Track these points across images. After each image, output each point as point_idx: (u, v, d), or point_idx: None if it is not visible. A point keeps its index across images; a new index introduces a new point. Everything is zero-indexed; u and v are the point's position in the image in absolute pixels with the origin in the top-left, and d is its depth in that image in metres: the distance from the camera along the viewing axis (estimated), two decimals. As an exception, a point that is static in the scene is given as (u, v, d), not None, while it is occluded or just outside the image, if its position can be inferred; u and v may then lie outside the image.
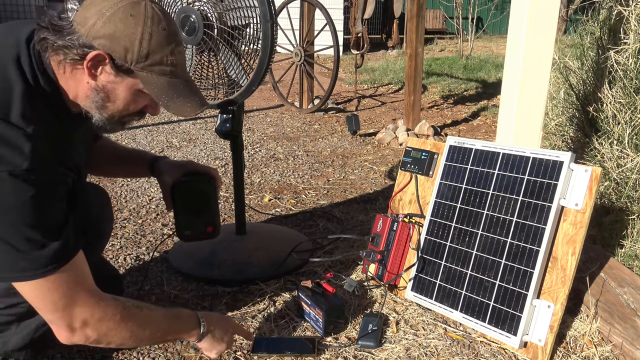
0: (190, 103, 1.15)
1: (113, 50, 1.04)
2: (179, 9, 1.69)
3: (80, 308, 1.05)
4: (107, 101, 1.10)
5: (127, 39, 1.04)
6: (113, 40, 1.03)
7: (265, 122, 4.48)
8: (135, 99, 1.12)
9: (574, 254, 1.37)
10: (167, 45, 1.08)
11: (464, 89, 6.19)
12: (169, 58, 1.09)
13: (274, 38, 1.64)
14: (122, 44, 1.04)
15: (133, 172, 1.67)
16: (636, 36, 2.18)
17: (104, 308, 1.08)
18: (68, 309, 1.04)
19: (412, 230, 1.69)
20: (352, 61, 6.71)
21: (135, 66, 1.06)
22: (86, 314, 1.06)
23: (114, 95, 1.10)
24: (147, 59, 1.06)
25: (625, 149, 2.10)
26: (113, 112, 1.13)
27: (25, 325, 1.19)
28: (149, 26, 1.05)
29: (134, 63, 1.06)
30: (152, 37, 1.05)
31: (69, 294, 1.04)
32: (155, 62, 1.07)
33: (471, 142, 1.63)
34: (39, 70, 1.05)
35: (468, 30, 8.85)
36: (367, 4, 4.56)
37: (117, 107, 1.12)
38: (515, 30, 1.73)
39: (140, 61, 1.06)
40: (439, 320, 1.56)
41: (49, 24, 1.04)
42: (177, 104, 1.13)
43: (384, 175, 3.05)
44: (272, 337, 1.46)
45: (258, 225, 2.24)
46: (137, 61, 1.06)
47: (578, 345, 1.44)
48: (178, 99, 1.12)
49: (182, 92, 1.13)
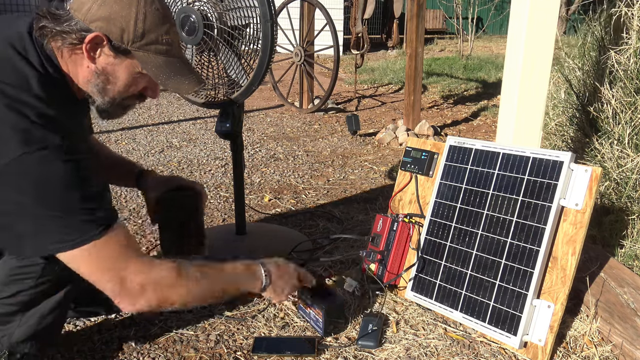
0: (188, 80, 1.19)
1: (110, 31, 1.07)
2: (179, 9, 1.69)
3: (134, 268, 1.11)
4: (107, 84, 1.13)
5: (123, 19, 1.07)
6: (109, 22, 1.07)
7: (265, 122, 4.48)
8: (135, 80, 1.15)
9: (574, 254, 1.37)
10: (162, 24, 1.12)
11: (464, 89, 6.19)
12: (164, 37, 1.12)
13: (274, 38, 1.64)
14: (118, 25, 1.07)
15: (119, 180, 1.66)
16: (638, 35, 2.18)
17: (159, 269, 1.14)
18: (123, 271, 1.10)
19: (412, 230, 1.69)
20: (352, 61, 6.71)
21: (132, 46, 1.09)
22: (141, 275, 1.11)
23: (114, 77, 1.13)
24: (143, 39, 1.09)
25: (625, 149, 2.10)
26: (114, 94, 1.15)
27: (29, 316, 1.19)
28: (142, 6, 1.08)
29: (131, 43, 1.09)
30: (147, 17, 1.09)
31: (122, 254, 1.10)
32: (151, 41, 1.11)
33: (471, 142, 1.63)
34: (44, 59, 1.08)
35: (468, 30, 8.85)
36: (367, 4, 4.56)
37: (118, 89, 1.15)
38: (515, 30, 1.73)
39: (136, 41, 1.09)
40: (439, 320, 1.56)
41: (46, 12, 1.07)
42: (175, 81, 1.16)
43: (384, 175, 3.05)
44: (272, 337, 1.46)
45: (258, 225, 2.24)
46: (133, 41, 1.09)
47: (578, 345, 1.44)
48: (175, 77, 1.15)
49: (179, 70, 1.17)
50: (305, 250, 1.97)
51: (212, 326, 1.52)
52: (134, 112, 4.64)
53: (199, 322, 1.54)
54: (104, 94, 1.14)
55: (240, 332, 1.49)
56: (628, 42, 2.22)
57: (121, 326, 1.51)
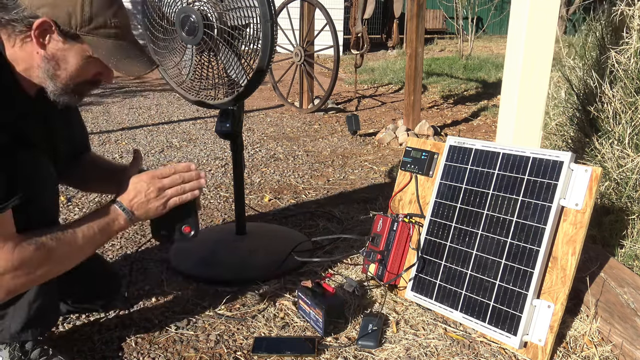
0: (140, 63, 1.18)
1: (57, 16, 1.08)
2: (179, 9, 1.69)
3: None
4: (58, 69, 1.13)
5: (69, 4, 1.08)
6: (55, 7, 1.07)
7: (265, 122, 4.48)
8: (86, 65, 1.15)
9: (574, 254, 1.37)
10: (109, 7, 1.13)
11: (464, 89, 6.19)
12: (112, 20, 1.13)
13: (274, 38, 1.64)
14: (64, 9, 1.08)
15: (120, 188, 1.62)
16: (638, 35, 2.17)
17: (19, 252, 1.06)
18: None
19: (412, 230, 1.69)
20: (352, 61, 6.71)
21: (80, 31, 1.10)
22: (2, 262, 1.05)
23: (64, 63, 1.13)
24: (91, 23, 1.10)
25: (625, 149, 2.10)
26: (66, 80, 1.15)
27: (18, 306, 1.20)
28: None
29: (79, 27, 1.10)
30: (93, 1, 1.10)
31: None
32: (100, 25, 1.11)
33: (471, 142, 1.63)
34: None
35: (468, 30, 8.85)
36: (367, 4, 4.56)
37: (70, 74, 1.15)
38: (515, 30, 1.73)
39: (84, 25, 1.10)
40: (439, 320, 1.56)
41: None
42: (126, 64, 1.16)
43: (384, 175, 3.05)
44: (272, 337, 1.46)
45: (258, 225, 2.24)
46: (81, 25, 1.10)
47: (578, 345, 1.44)
48: (126, 59, 1.16)
49: (130, 53, 1.17)
50: (306, 250, 1.97)
51: (212, 326, 1.52)
52: (134, 112, 4.64)
53: (199, 322, 1.54)
54: (56, 80, 1.14)
55: (240, 332, 1.49)
56: (628, 42, 2.22)
57: (121, 326, 1.51)
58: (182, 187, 1.26)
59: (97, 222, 1.19)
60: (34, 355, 1.26)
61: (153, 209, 1.24)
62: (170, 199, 1.25)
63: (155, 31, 1.81)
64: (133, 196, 1.23)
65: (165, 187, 1.24)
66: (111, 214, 1.21)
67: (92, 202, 2.48)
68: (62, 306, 1.51)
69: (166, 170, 1.25)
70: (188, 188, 1.26)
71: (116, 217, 1.22)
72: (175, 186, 1.25)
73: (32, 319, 1.23)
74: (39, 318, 1.24)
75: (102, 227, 1.20)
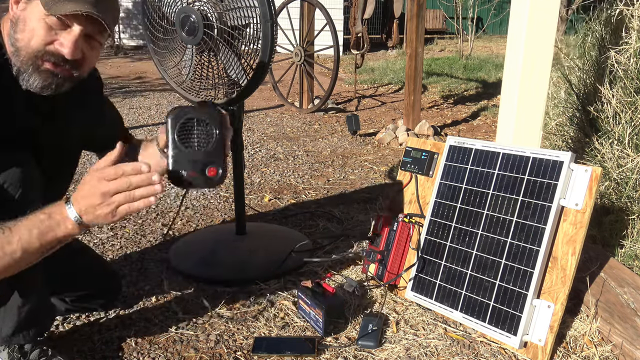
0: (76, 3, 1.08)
1: None
2: (179, 9, 1.69)
3: None
4: (18, 32, 1.10)
5: None
6: None
7: (265, 122, 4.48)
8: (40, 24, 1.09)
9: (574, 254, 1.37)
10: None
11: (464, 89, 6.19)
12: None
13: (274, 38, 1.64)
14: None
15: None
16: (638, 35, 2.17)
17: None
18: None
19: (412, 230, 1.69)
20: (352, 61, 6.71)
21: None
22: None
23: (23, 24, 1.09)
24: None
25: (625, 148, 2.10)
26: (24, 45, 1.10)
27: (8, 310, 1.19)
28: None
29: None
30: None
31: None
32: None
33: (471, 142, 1.63)
34: None
35: (468, 30, 8.85)
36: (367, 4, 4.55)
37: (25, 38, 1.10)
38: (515, 30, 1.73)
39: None
40: (439, 320, 1.56)
41: None
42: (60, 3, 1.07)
43: (384, 175, 3.05)
44: (272, 337, 1.46)
45: (258, 225, 2.24)
46: None
47: (578, 345, 1.44)
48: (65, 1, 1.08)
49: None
50: (306, 250, 1.97)
51: (212, 326, 1.52)
52: (134, 112, 4.64)
53: (199, 322, 1.54)
54: (15, 46, 1.10)
55: (240, 332, 1.49)
56: (628, 42, 2.22)
57: (121, 326, 1.51)
58: (132, 194, 1.02)
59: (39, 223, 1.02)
60: (33, 356, 1.26)
61: (102, 216, 1.03)
62: (119, 207, 1.02)
63: (155, 31, 1.81)
64: (81, 197, 1.03)
65: (111, 192, 1.02)
66: (58, 215, 1.03)
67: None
68: (61, 305, 1.51)
69: (112, 171, 1.02)
70: (138, 195, 1.02)
71: (63, 220, 1.03)
72: (123, 192, 1.02)
73: (24, 323, 1.22)
74: (30, 321, 1.23)
75: (44, 230, 1.02)
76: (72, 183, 1.48)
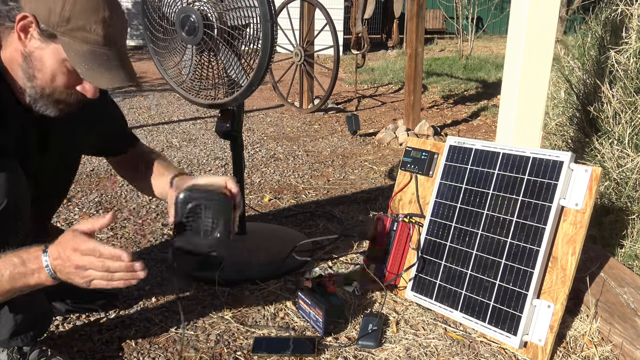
0: (113, 75, 1.11)
1: (38, 12, 1.05)
2: (179, 9, 1.69)
3: None
4: (34, 70, 1.10)
5: (52, 1, 1.05)
6: (39, 3, 1.05)
7: (265, 122, 4.48)
8: (62, 69, 1.10)
9: (574, 254, 1.37)
10: (94, 12, 1.08)
11: (464, 89, 6.19)
12: (94, 26, 1.08)
13: (274, 38, 1.64)
14: (46, 6, 1.05)
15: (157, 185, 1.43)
16: (638, 35, 2.17)
17: None
18: None
19: (412, 230, 1.69)
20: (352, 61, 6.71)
21: (57, 30, 1.06)
22: None
23: (40, 63, 1.09)
24: (68, 23, 1.06)
25: (625, 148, 2.10)
26: (42, 84, 1.11)
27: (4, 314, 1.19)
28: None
29: (56, 26, 1.06)
30: (77, 2, 1.06)
31: None
32: (78, 27, 1.07)
33: (471, 142, 1.63)
34: None
35: (468, 30, 8.85)
36: (367, 4, 4.55)
37: (45, 78, 1.11)
38: (515, 30, 1.73)
39: (61, 25, 1.06)
40: (439, 320, 1.56)
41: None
42: (97, 74, 1.09)
43: (384, 175, 3.05)
44: (272, 337, 1.46)
45: (258, 225, 2.24)
46: (59, 24, 1.06)
47: (578, 345, 1.44)
48: (99, 69, 1.09)
49: (105, 63, 1.10)
50: (306, 250, 1.97)
51: (212, 326, 1.52)
52: (134, 112, 4.64)
53: (199, 322, 1.54)
54: (33, 82, 1.11)
55: (240, 332, 1.49)
56: (628, 42, 2.22)
57: (121, 326, 1.51)
58: (111, 275, 1.02)
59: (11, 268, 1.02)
60: (33, 356, 1.26)
61: (75, 281, 1.04)
62: (94, 280, 1.03)
63: (155, 31, 1.81)
64: (57, 256, 1.02)
65: (85, 266, 1.01)
66: (33, 264, 1.03)
67: (92, 203, 2.48)
68: (61, 306, 1.51)
69: (87, 246, 1.01)
70: (117, 277, 1.03)
71: (38, 270, 1.03)
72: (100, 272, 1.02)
73: (21, 326, 1.22)
74: (28, 323, 1.23)
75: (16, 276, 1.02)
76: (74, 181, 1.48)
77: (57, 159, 1.31)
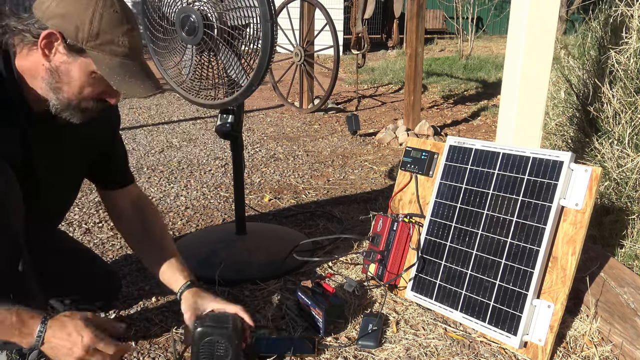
0: (144, 85, 1.17)
1: (64, 29, 1.08)
2: (179, 9, 1.69)
3: None
4: (61, 83, 1.13)
5: (79, 18, 1.08)
6: (65, 19, 1.08)
7: (265, 122, 4.48)
8: (89, 81, 1.14)
9: (574, 254, 1.37)
10: (119, 26, 1.12)
11: (464, 89, 6.19)
12: (121, 39, 1.12)
13: (274, 38, 1.64)
14: (73, 22, 1.08)
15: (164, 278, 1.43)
16: (638, 35, 2.18)
17: None
18: None
19: (412, 230, 1.69)
20: (352, 61, 6.72)
21: (86, 45, 1.09)
22: None
23: (67, 77, 1.12)
24: (97, 38, 1.10)
25: (625, 148, 2.10)
26: (69, 95, 1.14)
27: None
28: (100, 7, 1.10)
29: (85, 42, 1.09)
30: (103, 18, 1.10)
31: None
32: (106, 41, 1.10)
33: (471, 142, 1.63)
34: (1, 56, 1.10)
35: (468, 30, 8.85)
36: (367, 4, 4.55)
37: (73, 90, 1.14)
38: (515, 30, 1.73)
39: (90, 40, 1.09)
40: (439, 320, 1.56)
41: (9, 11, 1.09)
42: (130, 84, 1.14)
43: (384, 175, 3.05)
44: (272, 337, 1.46)
45: (258, 225, 2.24)
46: (87, 40, 1.09)
47: (578, 345, 1.44)
48: (130, 80, 1.14)
49: (135, 74, 1.15)
50: (306, 250, 1.97)
51: (212, 326, 1.52)
52: (134, 112, 4.64)
53: (199, 322, 1.54)
54: (59, 94, 1.14)
55: (240, 332, 1.49)
56: (628, 42, 2.22)
57: (121, 326, 1.51)
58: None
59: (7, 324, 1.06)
60: (32, 356, 1.26)
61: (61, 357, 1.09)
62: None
63: (155, 31, 1.81)
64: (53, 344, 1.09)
65: None
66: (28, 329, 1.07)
67: (92, 203, 2.48)
68: (60, 306, 1.51)
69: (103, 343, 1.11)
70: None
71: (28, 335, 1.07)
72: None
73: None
74: None
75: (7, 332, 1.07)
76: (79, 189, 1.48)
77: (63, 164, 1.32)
